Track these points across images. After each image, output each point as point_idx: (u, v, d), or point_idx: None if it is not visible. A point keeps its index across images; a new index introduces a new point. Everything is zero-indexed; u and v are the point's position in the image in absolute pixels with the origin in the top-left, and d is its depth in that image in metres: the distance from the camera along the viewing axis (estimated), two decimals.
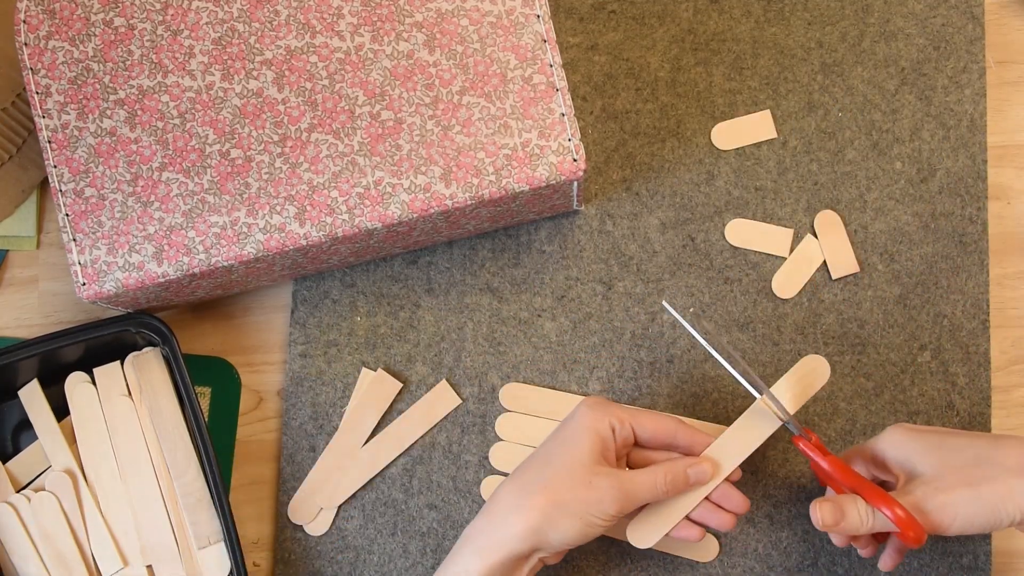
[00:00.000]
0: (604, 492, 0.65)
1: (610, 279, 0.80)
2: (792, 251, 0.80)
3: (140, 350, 0.78)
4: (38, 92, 0.71)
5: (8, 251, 0.82)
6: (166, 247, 0.70)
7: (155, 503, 0.75)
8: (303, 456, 0.79)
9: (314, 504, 0.78)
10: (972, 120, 0.80)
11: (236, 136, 0.70)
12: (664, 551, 0.76)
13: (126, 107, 0.70)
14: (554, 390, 0.79)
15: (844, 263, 0.79)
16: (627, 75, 0.82)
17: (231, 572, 0.75)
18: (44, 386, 0.77)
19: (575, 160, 0.69)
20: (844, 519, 0.66)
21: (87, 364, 0.77)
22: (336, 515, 0.79)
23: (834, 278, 0.79)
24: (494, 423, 0.79)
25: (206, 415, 0.80)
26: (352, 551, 0.78)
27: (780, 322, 0.79)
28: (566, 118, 0.69)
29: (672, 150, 0.81)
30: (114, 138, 0.70)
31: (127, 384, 0.77)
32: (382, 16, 0.70)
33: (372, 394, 0.79)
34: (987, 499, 0.63)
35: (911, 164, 0.80)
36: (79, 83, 0.70)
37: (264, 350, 0.81)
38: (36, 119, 0.71)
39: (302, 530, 0.78)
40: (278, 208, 0.70)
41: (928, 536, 0.64)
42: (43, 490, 0.75)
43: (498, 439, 0.79)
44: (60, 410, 0.77)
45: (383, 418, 0.79)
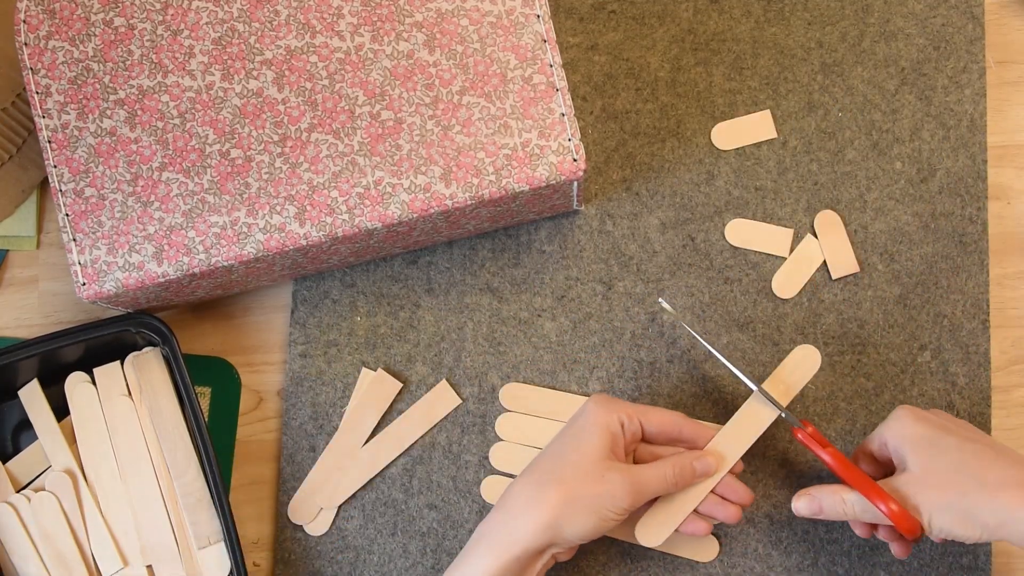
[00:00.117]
0: (616, 486, 0.66)
1: (610, 279, 0.80)
2: (792, 251, 0.80)
3: (140, 350, 0.78)
4: (38, 92, 0.71)
5: (8, 251, 0.82)
6: (166, 247, 0.70)
7: (155, 503, 0.75)
8: (303, 456, 0.79)
9: (314, 504, 0.78)
10: (972, 120, 0.80)
11: (236, 136, 0.70)
12: (665, 551, 0.76)
13: (126, 107, 0.70)
14: (554, 390, 0.79)
15: (844, 263, 0.79)
16: (627, 75, 0.82)
17: (231, 572, 0.75)
18: (44, 386, 0.77)
19: (575, 160, 0.69)
20: (822, 511, 0.69)
21: (87, 364, 0.77)
22: (336, 515, 0.79)
23: (834, 278, 0.79)
24: (494, 423, 0.79)
25: (206, 415, 0.80)
26: (352, 551, 0.78)
27: (780, 322, 0.79)
28: (566, 118, 0.69)
29: (672, 150, 0.81)
30: (114, 138, 0.70)
31: (127, 384, 0.77)
32: (382, 16, 0.70)
33: (372, 394, 0.79)
34: (960, 510, 0.64)
35: (911, 164, 0.80)
36: (79, 83, 0.70)
37: (264, 350, 0.81)
38: (36, 119, 0.71)
39: (302, 530, 0.78)
40: (278, 208, 0.70)
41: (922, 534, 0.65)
42: (43, 490, 0.75)
43: (498, 439, 0.79)
44: (60, 410, 0.77)
45: (383, 418, 0.79)
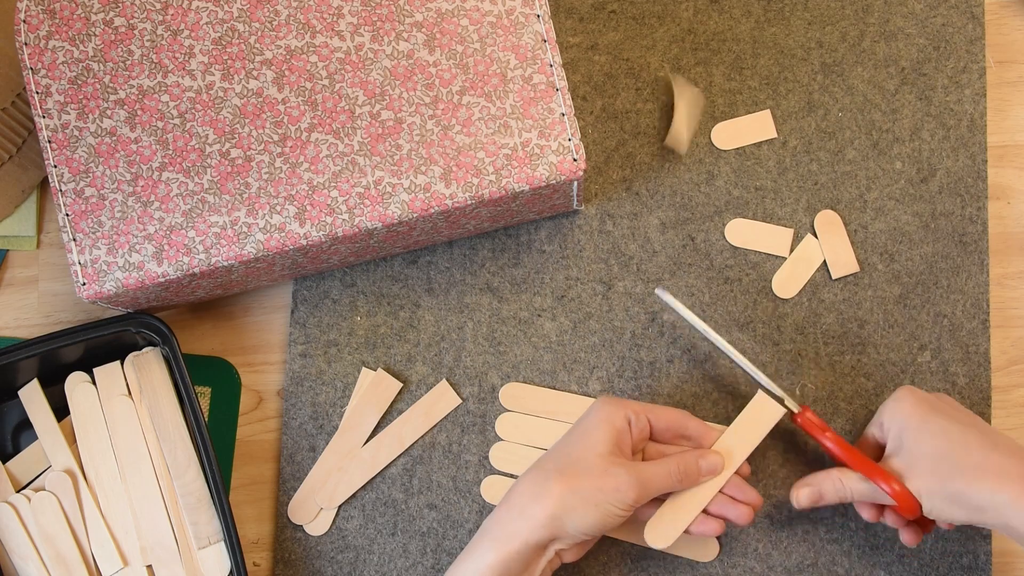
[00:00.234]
0: (621, 480, 0.66)
1: (610, 279, 0.80)
2: (792, 251, 0.80)
3: (140, 350, 0.78)
4: (38, 92, 0.71)
5: (8, 251, 0.82)
6: (166, 247, 0.70)
7: (155, 503, 0.75)
8: (303, 456, 0.79)
9: (314, 504, 0.78)
10: (972, 120, 0.80)
11: (236, 136, 0.70)
12: (665, 551, 0.76)
13: (126, 107, 0.70)
14: (554, 390, 0.79)
15: (844, 263, 0.79)
16: (627, 75, 0.82)
17: (231, 572, 0.75)
18: (44, 386, 0.77)
19: (575, 160, 0.69)
20: (823, 498, 0.70)
21: (87, 364, 0.77)
22: (336, 515, 0.79)
23: (834, 278, 0.79)
24: (494, 423, 0.79)
25: (206, 415, 0.80)
26: (352, 551, 0.78)
27: (780, 322, 0.79)
28: (566, 118, 0.69)
29: (672, 150, 0.81)
30: (114, 138, 0.70)
31: (127, 384, 0.77)
32: (382, 16, 0.70)
33: (372, 394, 0.79)
34: (945, 494, 0.66)
35: (911, 164, 0.80)
36: (79, 83, 0.70)
37: (264, 350, 0.81)
38: (36, 119, 0.71)
39: (302, 530, 0.78)
40: (278, 208, 0.70)
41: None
42: (43, 490, 0.75)
43: (498, 439, 0.79)
44: (60, 410, 0.77)
45: (383, 418, 0.79)
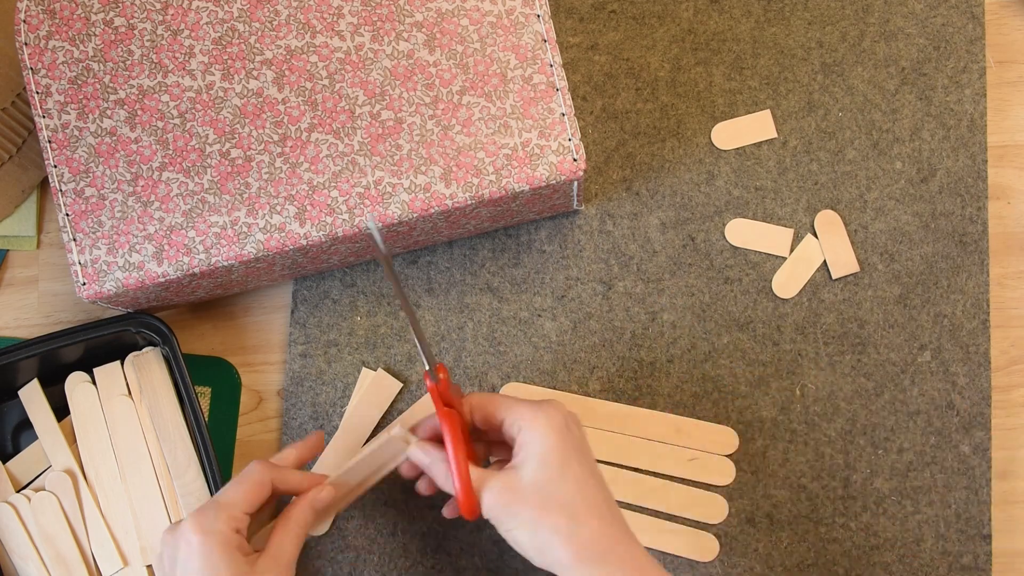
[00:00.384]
0: None
1: (610, 279, 0.80)
2: (792, 251, 0.80)
3: (140, 350, 0.78)
4: (38, 92, 0.71)
5: (8, 251, 0.82)
6: (166, 247, 0.70)
7: (155, 503, 0.75)
8: None
9: None
10: (972, 120, 0.80)
11: (236, 136, 0.70)
12: (665, 551, 0.76)
13: (126, 107, 0.70)
14: (554, 390, 0.79)
15: (844, 263, 0.79)
16: (627, 75, 0.82)
17: None
18: (44, 386, 0.77)
19: (575, 160, 0.69)
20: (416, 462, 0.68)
21: (87, 364, 0.77)
22: (336, 515, 0.79)
23: (834, 278, 0.79)
24: None
25: (206, 415, 0.80)
26: (352, 551, 0.78)
27: (780, 322, 0.79)
28: (566, 118, 0.69)
29: (672, 150, 0.81)
30: (114, 138, 0.70)
31: (127, 384, 0.77)
32: (382, 16, 0.70)
33: (372, 394, 0.79)
34: (539, 540, 0.62)
35: (911, 164, 0.80)
36: (79, 83, 0.70)
37: (264, 350, 0.81)
38: (36, 119, 0.71)
39: None
40: (278, 208, 0.70)
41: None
42: (43, 490, 0.75)
43: None
44: (60, 410, 0.77)
45: (383, 418, 0.79)
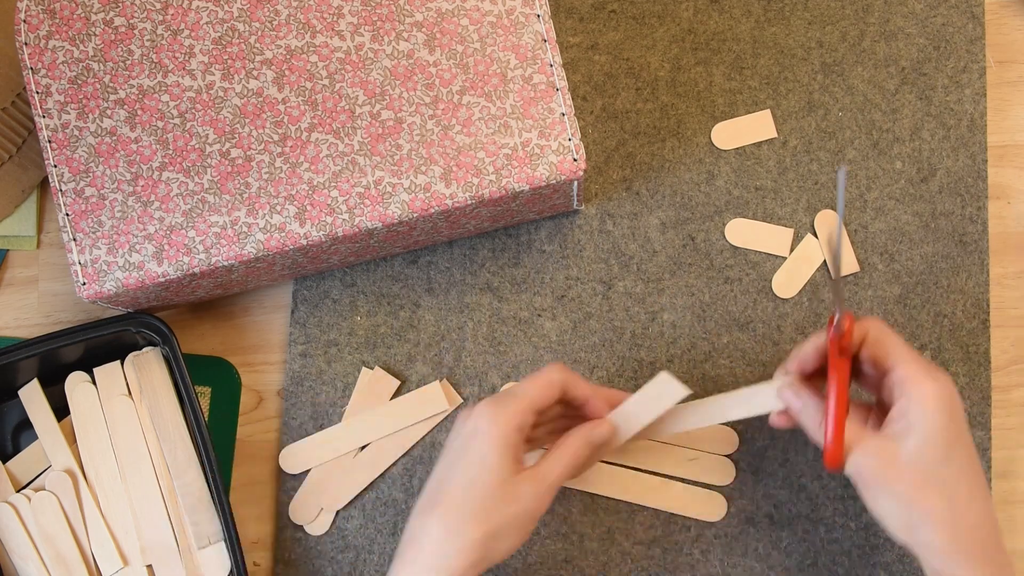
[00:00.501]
0: (531, 499, 0.64)
1: (610, 279, 0.80)
2: (792, 251, 0.80)
3: (140, 350, 0.78)
4: (38, 92, 0.71)
5: (8, 251, 0.82)
6: (166, 247, 0.70)
7: (155, 503, 0.75)
8: None
9: (315, 504, 0.78)
10: (972, 120, 0.80)
11: (236, 136, 0.70)
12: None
13: (126, 107, 0.70)
14: None
15: (844, 263, 0.79)
16: (627, 75, 0.82)
17: (231, 572, 0.75)
18: (44, 386, 0.77)
19: (575, 160, 0.69)
20: (788, 405, 0.66)
21: (87, 364, 0.77)
22: (336, 515, 0.79)
23: (834, 278, 0.79)
24: None
25: (206, 415, 0.80)
26: (352, 551, 0.78)
27: (780, 322, 0.79)
28: (566, 118, 0.69)
29: (672, 150, 0.81)
30: (114, 138, 0.70)
31: (127, 384, 0.77)
32: (382, 16, 0.70)
33: (371, 392, 0.79)
34: (911, 515, 0.61)
35: (911, 164, 0.80)
36: (79, 83, 0.70)
37: (264, 350, 0.81)
38: (36, 119, 0.71)
39: (302, 530, 0.78)
40: (278, 208, 0.70)
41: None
42: (43, 490, 0.75)
43: None
44: (60, 410, 0.77)
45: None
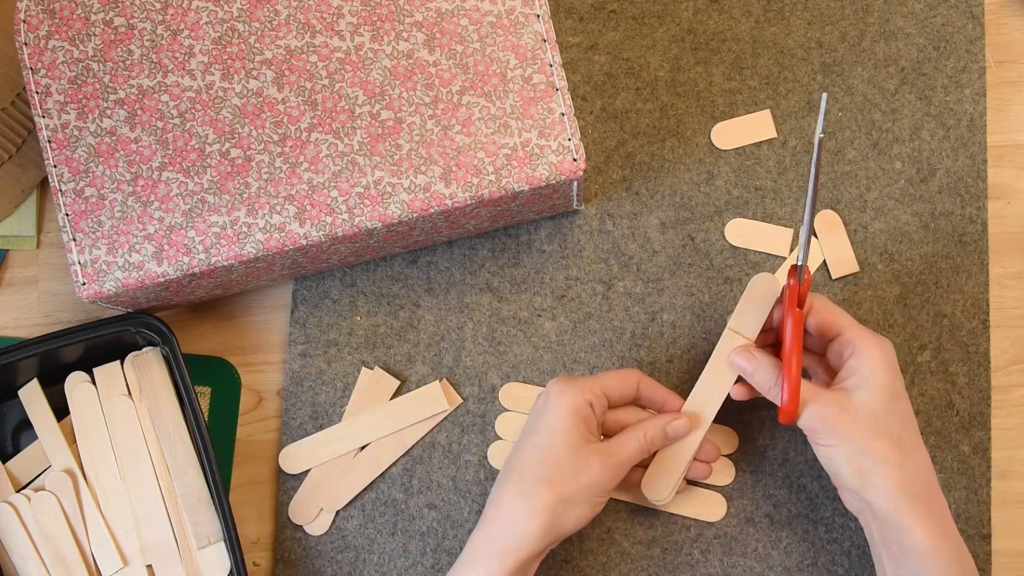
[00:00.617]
0: (600, 472, 0.68)
1: (610, 279, 0.80)
2: (792, 251, 0.80)
3: (140, 350, 0.78)
4: (38, 92, 0.71)
5: (8, 251, 0.82)
6: (166, 247, 0.70)
7: (155, 503, 0.75)
8: None
9: (314, 504, 0.78)
10: (972, 120, 0.80)
11: (236, 136, 0.70)
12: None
13: (126, 107, 0.70)
14: None
15: (844, 263, 0.79)
16: (627, 75, 0.82)
17: (231, 572, 0.75)
18: (44, 386, 0.77)
19: (575, 160, 0.69)
20: (740, 368, 0.71)
21: (87, 364, 0.77)
22: (336, 515, 0.79)
23: (834, 278, 0.79)
24: (494, 423, 0.79)
25: (206, 415, 0.80)
26: (352, 551, 0.78)
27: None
28: (566, 118, 0.69)
29: (672, 150, 0.81)
30: (114, 138, 0.70)
31: (127, 384, 0.77)
32: (382, 16, 0.70)
33: (370, 392, 0.79)
34: (865, 463, 0.65)
35: (911, 164, 0.80)
36: (79, 83, 0.70)
37: (264, 350, 0.81)
38: (36, 119, 0.71)
39: (302, 530, 0.78)
40: (278, 208, 0.70)
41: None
42: (43, 490, 0.75)
43: (498, 439, 0.79)
44: (60, 410, 0.77)
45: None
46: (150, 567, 0.75)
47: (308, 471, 0.79)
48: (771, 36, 0.82)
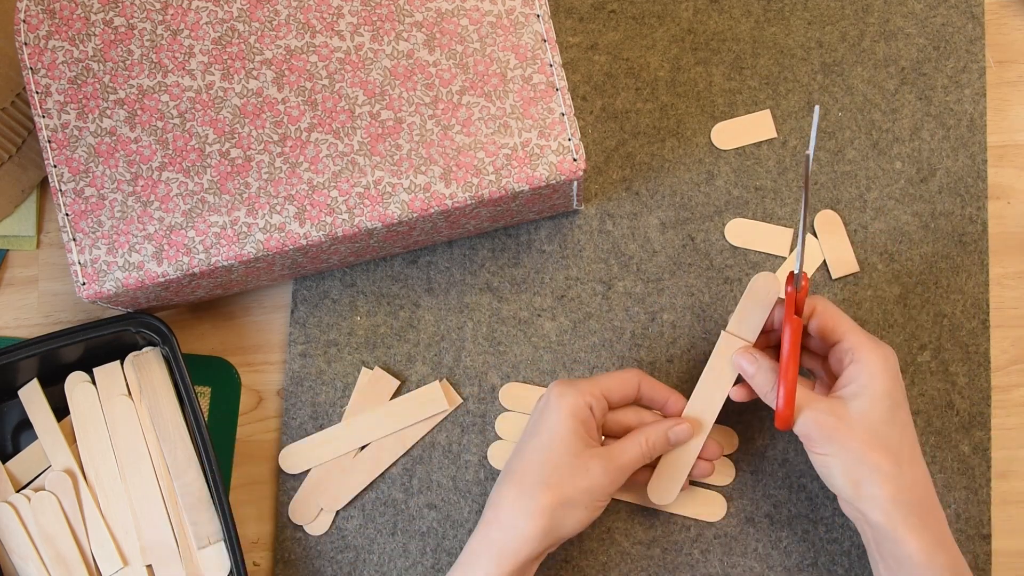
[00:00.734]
0: (600, 476, 0.68)
1: (610, 279, 0.80)
2: (792, 251, 0.80)
3: (140, 350, 0.78)
4: (38, 92, 0.71)
5: (8, 251, 0.82)
6: (166, 247, 0.70)
7: (155, 503, 0.75)
8: None
9: (315, 504, 0.78)
10: (972, 120, 0.80)
11: (236, 136, 0.70)
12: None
13: (126, 107, 0.70)
14: None
15: (844, 263, 0.79)
16: (627, 75, 0.82)
17: (231, 572, 0.75)
18: (44, 386, 0.77)
19: (575, 160, 0.69)
20: (742, 370, 0.70)
21: (87, 364, 0.77)
22: (336, 515, 0.79)
23: (834, 278, 0.79)
24: (494, 423, 0.79)
25: (206, 415, 0.80)
26: (352, 551, 0.78)
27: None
28: (566, 118, 0.69)
29: (672, 150, 0.81)
30: (114, 138, 0.70)
31: (127, 384, 0.77)
32: (382, 16, 0.70)
33: (370, 392, 0.79)
34: (859, 474, 0.65)
35: (911, 164, 0.80)
36: (79, 83, 0.70)
37: (264, 350, 0.81)
38: (36, 119, 0.71)
39: (302, 530, 0.78)
40: (278, 208, 0.70)
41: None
42: (43, 490, 0.75)
43: (498, 439, 0.79)
44: (60, 410, 0.77)
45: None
46: (150, 567, 0.75)
47: (308, 471, 0.79)
48: (771, 36, 0.82)
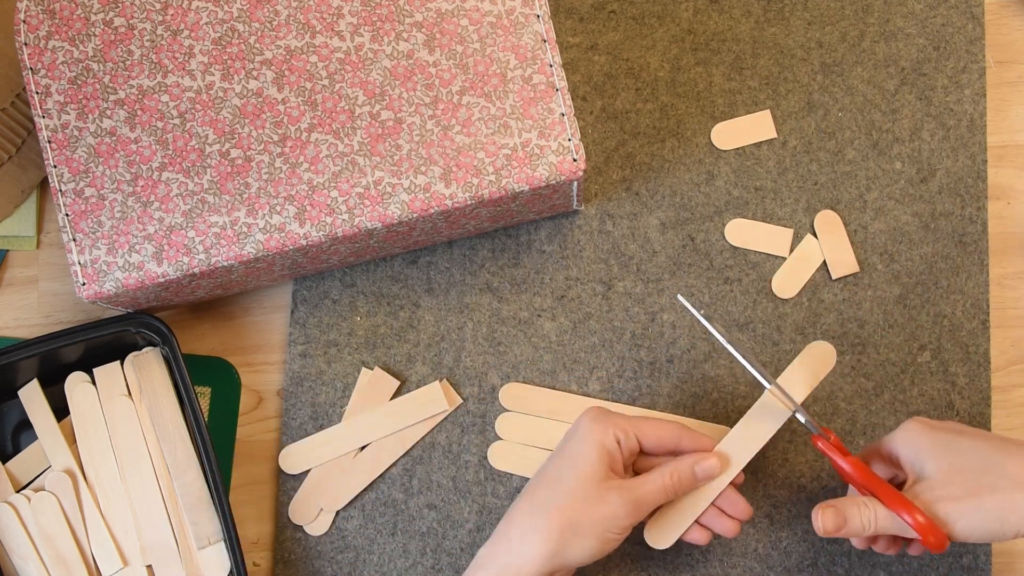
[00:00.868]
0: (617, 507, 0.66)
1: (610, 279, 0.80)
2: (792, 251, 0.80)
3: (140, 350, 0.78)
4: (38, 92, 0.71)
5: (8, 251, 0.82)
6: (166, 247, 0.70)
7: (155, 503, 0.75)
8: None
9: (315, 504, 0.78)
10: (972, 120, 0.80)
11: (236, 136, 0.70)
12: None
13: (126, 107, 0.70)
14: (554, 390, 0.79)
15: (844, 263, 0.79)
16: (627, 75, 0.82)
17: (231, 572, 0.75)
18: (44, 386, 0.77)
19: (575, 160, 0.69)
20: (847, 525, 0.65)
21: (87, 364, 0.77)
22: (336, 515, 0.79)
23: (834, 278, 0.79)
24: (494, 423, 0.79)
25: (206, 415, 0.80)
26: (352, 551, 0.78)
27: (780, 322, 0.79)
28: (566, 118, 0.69)
29: (672, 150, 0.81)
30: (114, 138, 0.70)
31: (127, 384, 0.77)
32: (382, 16, 0.70)
33: (370, 392, 0.79)
34: (990, 511, 0.62)
35: (911, 164, 0.80)
36: (79, 83, 0.70)
37: (264, 350, 0.81)
38: (36, 119, 0.71)
39: (302, 530, 0.78)
40: (278, 208, 0.70)
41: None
42: (43, 490, 0.75)
43: (498, 439, 0.79)
44: (60, 410, 0.77)
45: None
46: (150, 567, 0.75)
47: (308, 471, 0.79)
48: (771, 36, 0.82)
